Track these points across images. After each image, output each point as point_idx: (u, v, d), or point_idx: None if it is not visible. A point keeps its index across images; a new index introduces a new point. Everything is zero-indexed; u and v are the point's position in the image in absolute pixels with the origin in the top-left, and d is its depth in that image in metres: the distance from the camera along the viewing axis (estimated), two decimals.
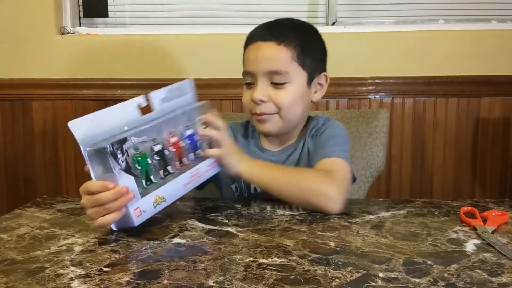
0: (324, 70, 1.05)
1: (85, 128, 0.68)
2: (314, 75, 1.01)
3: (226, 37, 1.65)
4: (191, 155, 0.82)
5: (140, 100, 0.76)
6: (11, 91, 1.69)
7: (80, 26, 1.77)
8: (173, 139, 0.78)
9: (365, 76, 1.62)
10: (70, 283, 0.54)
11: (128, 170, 0.69)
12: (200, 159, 0.83)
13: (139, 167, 0.71)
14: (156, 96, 0.79)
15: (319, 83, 1.03)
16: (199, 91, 1.68)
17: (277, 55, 0.96)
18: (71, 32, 1.71)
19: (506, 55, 1.61)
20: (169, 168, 0.77)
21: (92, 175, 0.69)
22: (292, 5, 1.73)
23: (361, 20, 1.73)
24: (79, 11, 1.77)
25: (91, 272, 0.57)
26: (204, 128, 0.84)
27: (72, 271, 0.58)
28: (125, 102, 0.74)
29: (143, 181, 0.72)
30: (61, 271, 0.58)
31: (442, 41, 1.62)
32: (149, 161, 0.73)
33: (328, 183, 0.84)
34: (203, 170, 0.84)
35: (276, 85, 0.97)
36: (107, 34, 1.70)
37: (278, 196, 0.86)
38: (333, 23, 1.70)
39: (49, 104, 1.69)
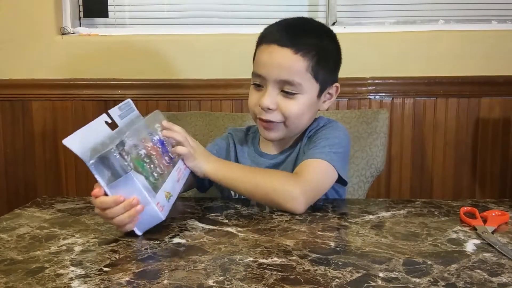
0: (336, 80, 1.01)
1: (79, 143, 0.68)
2: (326, 87, 0.98)
3: (226, 37, 1.65)
4: (167, 158, 0.83)
5: (105, 117, 0.77)
6: (11, 91, 1.69)
7: (80, 26, 1.77)
8: (149, 145, 0.79)
9: (365, 76, 1.62)
10: (70, 283, 0.54)
11: (136, 170, 0.70)
12: (174, 159, 0.85)
13: (140, 169, 0.72)
14: (115, 112, 0.81)
15: (329, 93, 1.01)
16: (199, 91, 1.70)
17: (292, 65, 0.92)
18: (71, 32, 1.71)
19: (506, 55, 1.61)
20: (158, 169, 0.77)
21: (102, 185, 0.68)
22: (292, 5, 1.73)
23: (361, 20, 1.73)
24: (79, 11, 1.77)
25: (91, 272, 0.57)
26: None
27: (72, 271, 0.58)
28: (96, 119, 0.74)
29: (147, 181, 0.72)
30: (61, 271, 0.58)
31: (442, 41, 1.62)
32: (144, 164, 0.74)
33: (291, 183, 0.84)
34: (183, 168, 0.86)
35: (286, 94, 0.94)
36: (107, 34, 1.70)
37: (246, 196, 0.87)
38: (333, 23, 1.70)
39: (49, 104, 1.69)
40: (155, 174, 0.76)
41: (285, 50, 0.92)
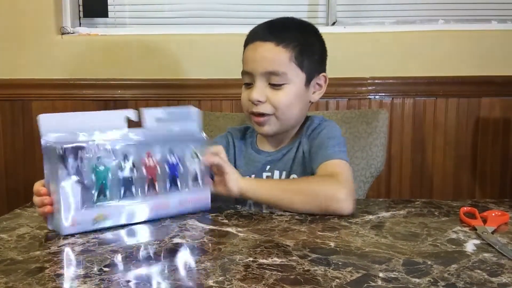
0: (323, 70, 1.04)
1: (55, 124, 0.69)
2: (313, 76, 1.01)
3: (226, 37, 1.65)
4: (165, 184, 0.77)
5: (130, 113, 0.74)
6: (11, 91, 1.69)
7: (80, 26, 1.77)
8: (150, 162, 0.75)
9: (365, 76, 1.62)
10: (70, 283, 0.54)
11: (78, 177, 0.68)
12: (173, 191, 0.79)
13: (94, 178, 0.70)
14: (150, 114, 0.77)
15: (317, 84, 1.03)
16: (199, 91, 1.70)
17: (275, 56, 0.96)
18: (71, 32, 1.71)
19: (506, 55, 1.61)
20: (133, 189, 0.74)
21: (44, 171, 0.71)
22: (292, 5, 1.73)
23: (361, 20, 1.73)
24: (79, 11, 1.77)
25: (91, 272, 0.57)
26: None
27: (72, 271, 0.58)
28: (114, 111, 0.74)
29: (95, 193, 0.70)
30: (61, 271, 0.58)
31: (442, 41, 1.62)
32: (110, 176, 0.71)
33: (336, 186, 0.84)
34: (192, 200, 0.81)
35: (274, 86, 0.97)
36: (107, 34, 1.70)
37: (288, 209, 0.84)
38: (333, 23, 1.70)
39: (49, 104, 1.69)
40: (121, 192, 0.72)
41: (267, 43, 0.97)
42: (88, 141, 0.70)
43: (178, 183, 0.79)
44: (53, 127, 0.69)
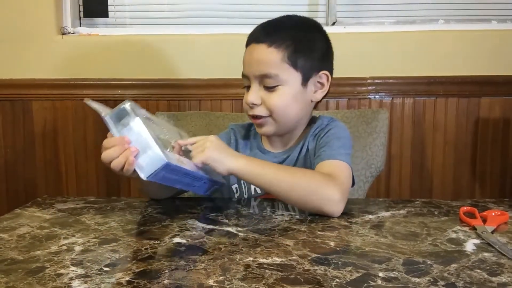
0: (325, 68, 1.00)
1: (98, 104, 0.75)
2: (310, 74, 0.98)
3: (226, 37, 1.65)
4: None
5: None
6: (11, 91, 1.69)
7: (80, 26, 1.77)
8: (175, 144, 0.83)
9: (365, 76, 1.62)
10: (70, 283, 0.54)
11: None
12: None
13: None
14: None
15: (319, 82, 1.00)
16: (199, 91, 1.70)
17: (266, 58, 0.95)
18: (71, 32, 1.71)
19: (506, 55, 1.61)
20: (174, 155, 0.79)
21: (113, 134, 0.73)
22: (292, 5, 1.73)
23: (361, 20, 1.73)
24: (79, 11, 1.77)
25: (91, 272, 0.57)
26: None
27: (72, 270, 0.58)
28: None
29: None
30: (62, 270, 0.58)
31: (442, 41, 1.62)
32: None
33: (330, 186, 0.83)
34: (203, 170, 0.85)
35: (267, 88, 0.96)
36: (107, 34, 1.70)
37: (277, 197, 0.85)
38: (333, 23, 1.70)
39: (49, 104, 1.69)
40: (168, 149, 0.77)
41: (260, 45, 0.96)
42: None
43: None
44: (100, 105, 0.75)
